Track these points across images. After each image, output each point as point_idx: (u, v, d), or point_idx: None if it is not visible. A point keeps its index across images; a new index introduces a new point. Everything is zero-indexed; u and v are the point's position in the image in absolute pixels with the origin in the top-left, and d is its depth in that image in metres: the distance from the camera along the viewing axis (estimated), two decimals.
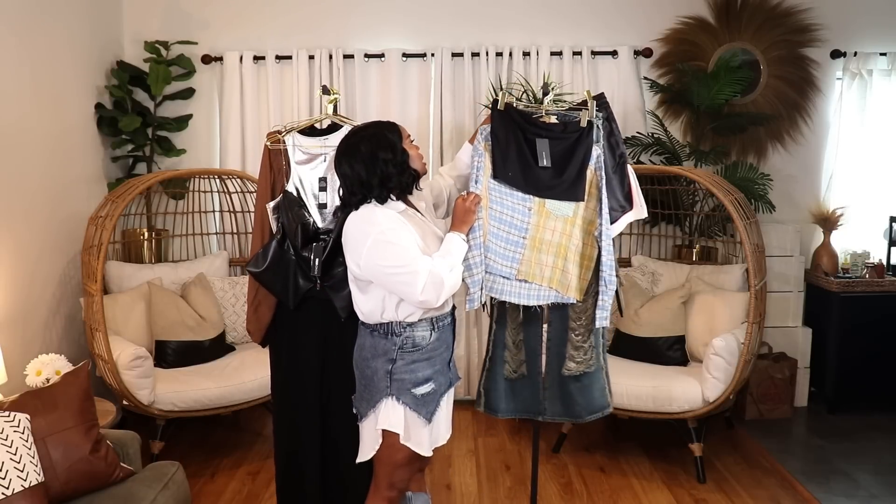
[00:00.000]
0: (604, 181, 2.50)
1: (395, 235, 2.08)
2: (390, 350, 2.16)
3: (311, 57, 4.25)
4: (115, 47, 4.23)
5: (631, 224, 4.35)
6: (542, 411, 2.66)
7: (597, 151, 2.49)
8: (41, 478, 2.10)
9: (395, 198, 2.18)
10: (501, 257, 2.45)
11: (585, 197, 2.49)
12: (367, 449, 2.23)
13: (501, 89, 3.64)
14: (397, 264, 2.06)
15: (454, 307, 2.33)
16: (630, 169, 2.62)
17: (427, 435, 2.21)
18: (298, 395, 2.60)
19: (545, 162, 2.47)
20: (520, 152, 2.47)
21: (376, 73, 4.31)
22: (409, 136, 2.25)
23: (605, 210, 2.50)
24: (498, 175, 2.44)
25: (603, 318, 2.53)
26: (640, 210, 2.62)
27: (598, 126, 2.50)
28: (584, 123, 2.48)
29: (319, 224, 2.53)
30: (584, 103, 2.52)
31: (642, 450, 3.73)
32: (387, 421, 2.16)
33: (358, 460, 2.27)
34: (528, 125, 2.50)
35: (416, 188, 2.27)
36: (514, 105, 2.53)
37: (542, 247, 2.49)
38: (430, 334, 2.20)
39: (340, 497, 2.62)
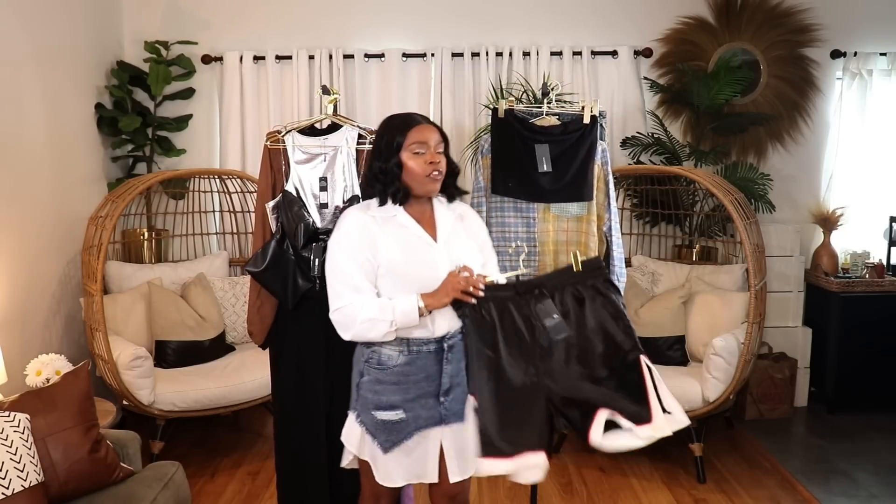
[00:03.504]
0: (610, 175, 2.51)
1: (339, 249, 1.98)
2: (359, 360, 2.06)
3: (311, 57, 4.25)
4: (115, 47, 4.23)
5: (631, 224, 4.40)
6: None
7: (602, 146, 2.50)
8: (41, 478, 2.10)
9: (391, 201, 2.00)
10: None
11: (594, 194, 2.49)
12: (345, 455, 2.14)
13: (502, 97, 3.64)
14: (332, 279, 1.99)
15: (447, 335, 2.01)
16: (648, 367, 1.88)
17: (389, 463, 2.00)
18: (301, 398, 2.58)
19: (545, 167, 2.48)
20: (518, 161, 2.48)
21: (376, 73, 4.31)
22: (429, 141, 1.98)
23: (614, 204, 2.51)
24: (497, 189, 2.45)
25: None
26: (666, 423, 1.84)
27: (601, 124, 2.51)
28: (587, 120, 2.48)
29: (319, 224, 2.53)
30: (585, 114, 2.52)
31: (642, 450, 3.70)
32: (346, 435, 2.07)
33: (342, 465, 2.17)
34: (527, 132, 2.51)
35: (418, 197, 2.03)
36: (514, 108, 2.54)
37: (557, 248, 2.51)
38: (398, 356, 1.98)
39: None
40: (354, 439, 2.04)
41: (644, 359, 1.86)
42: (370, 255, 1.97)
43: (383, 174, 1.99)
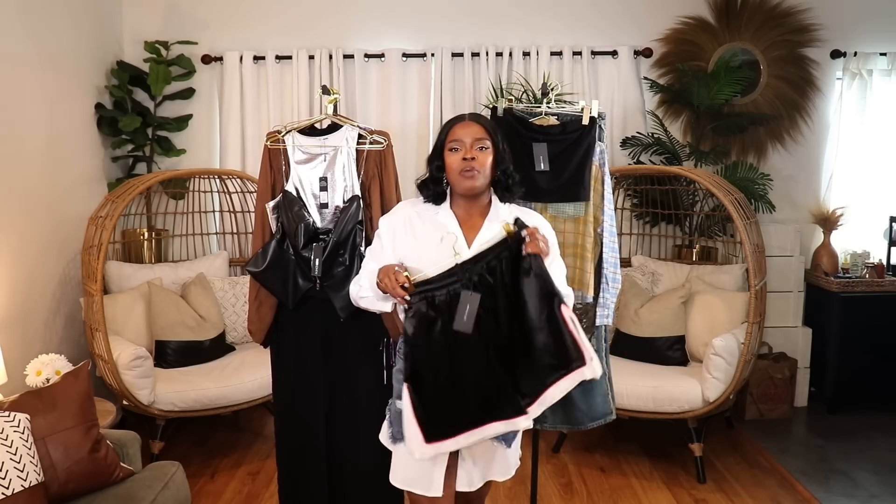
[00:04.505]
0: (608, 176, 2.51)
1: (370, 249, 2.13)
2: (399, 350, 2.04)
3: (311, 57, 4.25)
4: (115, 47, 4.23)
5: (631, 224, 4.40)
6: (542, 419, 2.63)
7: (600, 147, 2.49)
8: (41, 478, 2.10)
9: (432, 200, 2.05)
10: None
11: (591, 194, 2.49)
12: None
13: (501, 97, 3.64)
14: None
15: None
16: (567, 312, 1.82)
17: (398, 456, 2.01)
18: (301, 396, 2.59)
19: (542, 166, 2.47)
20: (516, 159, 2.48)
21: (376, 73, 4.31)
22: (464, 137, 1.96)
23: (609, 207, 2.51)
24: None
25: (604, 317, 2.53)
26: (594, 367, 1.81)
27: (600, 125, 2.50)
28: (585, 121, 2.48)
29: (319, 224, 2.53)
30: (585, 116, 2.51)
31: (642, 450, 3.73)
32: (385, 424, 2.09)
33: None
34: (525, 131, 2.50)
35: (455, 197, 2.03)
36: (513, 107, 2.54)
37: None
38: None
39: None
40: (385, 427, 2.07)
41: (565, 309, 1.81)
42: (390, 254, 2.03)
43: (430, 174, 2.06)
